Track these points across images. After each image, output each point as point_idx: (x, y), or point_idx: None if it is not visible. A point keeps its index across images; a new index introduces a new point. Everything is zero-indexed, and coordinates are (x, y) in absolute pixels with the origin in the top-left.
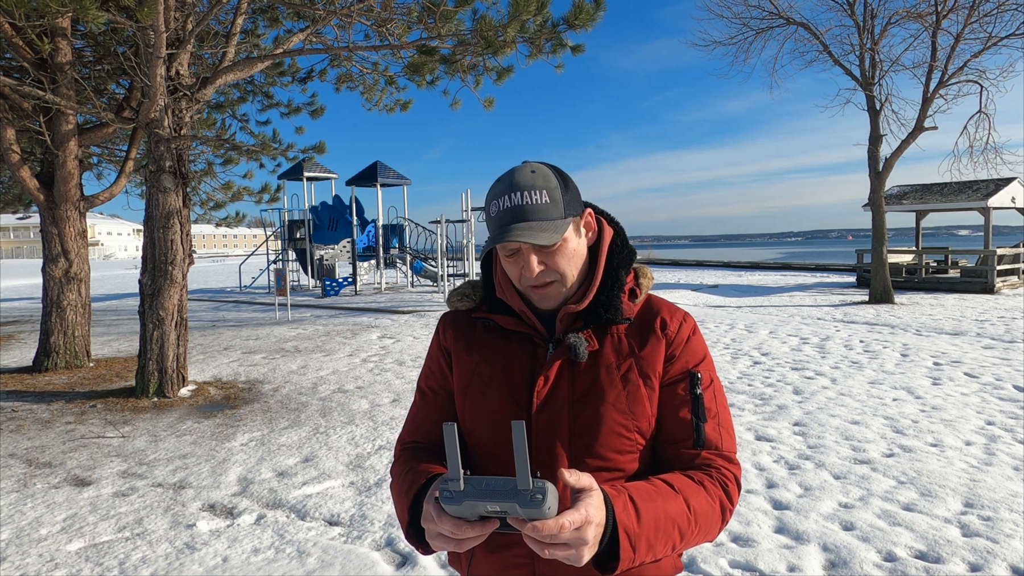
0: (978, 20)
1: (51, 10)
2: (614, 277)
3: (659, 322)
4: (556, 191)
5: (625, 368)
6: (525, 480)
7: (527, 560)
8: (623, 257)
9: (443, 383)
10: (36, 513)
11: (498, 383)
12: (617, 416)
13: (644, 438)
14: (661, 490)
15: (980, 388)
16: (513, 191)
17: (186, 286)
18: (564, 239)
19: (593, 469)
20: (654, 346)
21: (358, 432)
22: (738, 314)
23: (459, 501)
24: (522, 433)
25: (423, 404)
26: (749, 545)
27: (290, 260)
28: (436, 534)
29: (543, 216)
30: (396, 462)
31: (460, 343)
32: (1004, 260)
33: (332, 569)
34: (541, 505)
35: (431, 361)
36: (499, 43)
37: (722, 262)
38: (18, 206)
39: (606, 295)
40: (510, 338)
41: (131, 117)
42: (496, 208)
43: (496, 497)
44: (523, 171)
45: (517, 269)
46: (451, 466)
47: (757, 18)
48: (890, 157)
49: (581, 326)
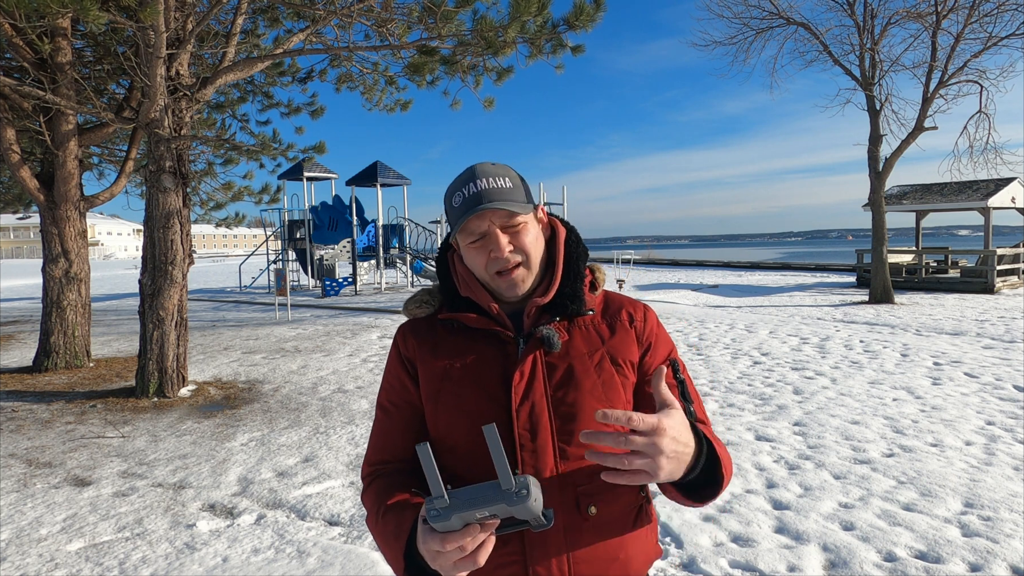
0: (978, 20)
1: (51, 10)
2: (576, 270)
3: (625, 315)
4: (516, 179)
5: (598, 358)
6: (507, 480)
7: (519, 557)
8: (579, 252)
9: (405, 396)
10: (36, 513)
11: (472, 382)
12: (596, 404)
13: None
14: (712, 435)
15: (980, 388)
16: (476, 179)
17: (186, 286)
18: (527, 221)
19: (578, 457)
20: (623, 336)
21: (358, 432)
22: (738, 314)
23: (447, 517)
24: (495, 436)
25: (387, 420)
26: (749, 545)
27: (290, 260)
28: (452, 564)
29: (510, 197)
30: (367, 491)
31: (424, 349)
32: (1004, 260)
33: (332, 569)
34: (527, 499)
35: (390, 376)
36: (499, 44)
37: (722, 262)
38: (18, 206)
39: (570, 287)
40: (476, 337)
41: (131, 117)
42: (460, 197)
43: (483, 503)
44: (483, 165)
45: (484, 254)
46: (432, 485)
47: (757, 18)
48: (890, 157)
49: (547, 320)
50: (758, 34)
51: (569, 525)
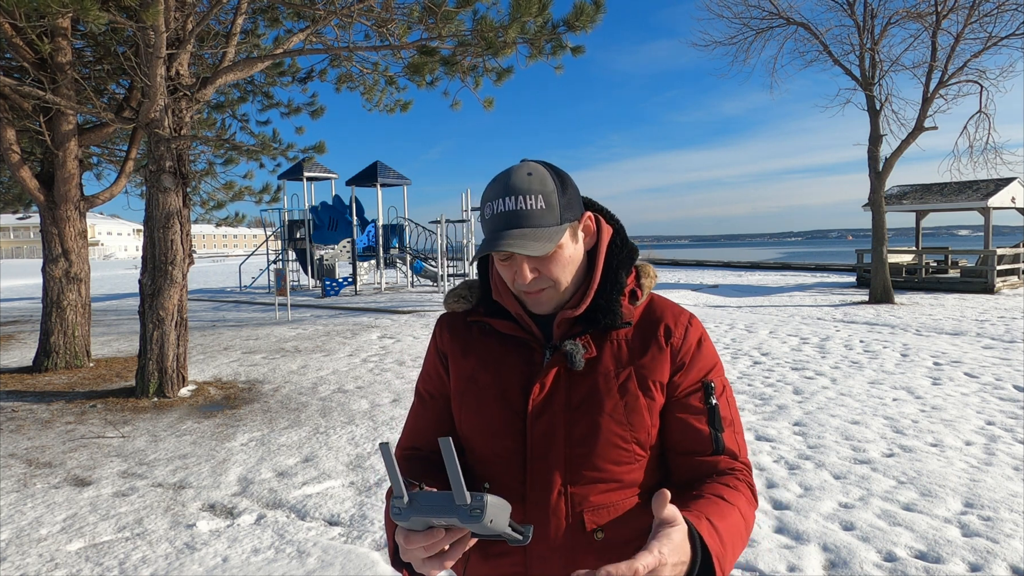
0: (978, 20)
1: (52, 10)
2: (613, 280)
3: (663, 329)
4: (553, 195)
5: (624, 377)
6: (461, 495)
7: (522, 568)
8: (623, 257)
9: (440, 387)
10: (36, 513)
11: (494, 389)
12: (614, 427)
13: (643, 449)
14: (721, 505)
15: (980, 388)
16: (508, 195)
17: (186, 286)
18: (559, 246)
19: (590, 480)
20: (655, 354)
21: (358, 432)
22: (738, 314)
23: (406, 517)
24: (451, 449)
25: (422, 409)
26: (749, 545)
27: (290, 260)
28: (420, 562)
29: (537, 223)
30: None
31: (456, 346)
32: (1004, 260)
33: (332, 569)
34: (481, 519)
35: (429, 364)
36: (499, 44)
37: (722, 262)
38: (18, 206)
39: (604, 299)
40: (506, 342)
41: (131, 117)
42: (491, 211)
43: (437, 512)
44: (519, 173)
45: (510, 274)
46: (394, 483)
47: (757, 18)
48: (890, 157)
49: (579, 331)
50: (758, 34)
51: (574, 545)
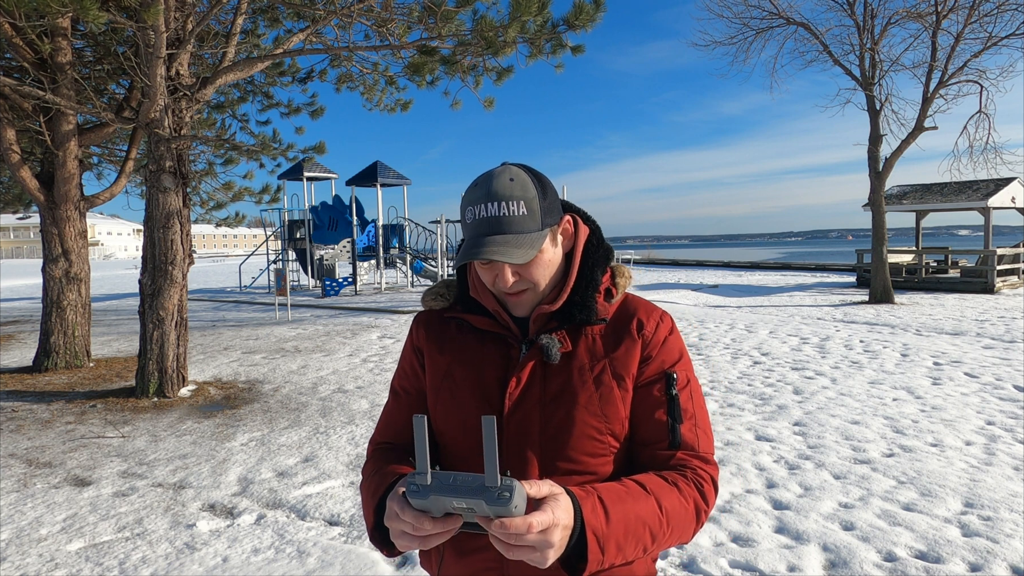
0: (978, 20)
1: (51, 10)
2: (589, 277)
3: (635, 323)
4: (534, 201)
5: (598, 370)
6: (493, 477)
7: (497, 564)
8: (598, 256)
9: (416, 383)
10: (36, 513)
11: (470, 384)
12: (589, 419)
13: (617, 441)
14: (632, 491)
15: (980, 388)
16: (490, 200)
17: (186, 286)
18: (540, 251)
19: (565, 472)
20: (628, 347)
21: (358, 432)
22: (738, 314)
23: (425, 495)
24: (492, 429)
25: (396, 404)
26: (749, 545)
27: (290, 260)
28: (400, 532)
29: (519, 228)
30: (367, 463)
31: (432, 343)
32: (1004, 260)
33: (332, 569)
34: (508, 503)
35: (404, 361)
36: (499, 44)
37: (722, 262)
38: (18, 206)
39: (580, 295)
40: (483, 338)
41: (131, 117)
42: (472, 216)
43: (463, 493)
44: (501, 178)
45: (491, 277)
46: (419, 460)
47: (757, 18)
48: (890, 157)
49: (555, 327)
50: (758, 34)
51: None
